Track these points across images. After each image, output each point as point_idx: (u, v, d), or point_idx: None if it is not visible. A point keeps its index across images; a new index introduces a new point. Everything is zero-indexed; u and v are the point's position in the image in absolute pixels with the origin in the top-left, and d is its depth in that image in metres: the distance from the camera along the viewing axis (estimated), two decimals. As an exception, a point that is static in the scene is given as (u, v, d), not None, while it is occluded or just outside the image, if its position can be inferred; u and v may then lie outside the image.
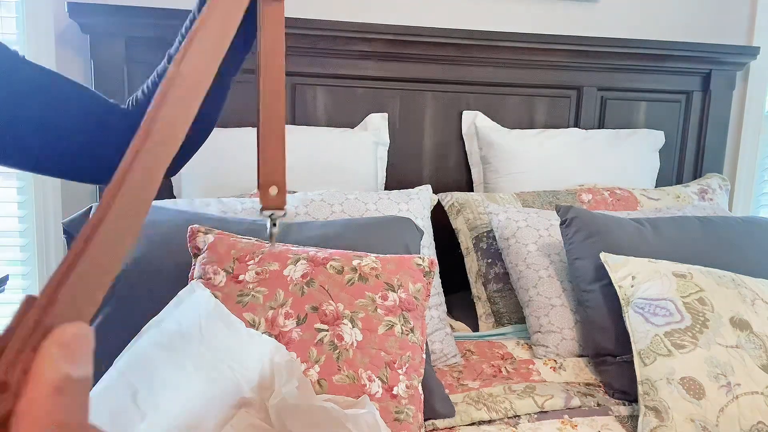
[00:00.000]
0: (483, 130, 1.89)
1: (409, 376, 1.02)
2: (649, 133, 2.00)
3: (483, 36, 1.84)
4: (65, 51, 1.71)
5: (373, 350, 1.01)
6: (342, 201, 1.45)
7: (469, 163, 1.94)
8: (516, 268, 1.52)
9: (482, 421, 1.13)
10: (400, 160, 1.90)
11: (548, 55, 1.90)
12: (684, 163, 2.09)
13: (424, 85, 1.89)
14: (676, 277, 1.22)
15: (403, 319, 1.06)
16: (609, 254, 1.31)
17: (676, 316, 1.16)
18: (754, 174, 2.18)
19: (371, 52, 1.81)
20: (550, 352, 1.39)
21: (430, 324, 1.34)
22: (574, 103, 2.00)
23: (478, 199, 1.73)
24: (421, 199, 1.54)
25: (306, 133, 1.75)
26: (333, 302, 1.04)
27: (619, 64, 1.96)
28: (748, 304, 1.18)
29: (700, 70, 2.02)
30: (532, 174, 1.85)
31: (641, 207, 1.76)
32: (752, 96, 2.12)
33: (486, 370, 1.33)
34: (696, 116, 2.07)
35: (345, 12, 1.84)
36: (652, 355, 1.14)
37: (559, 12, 1.98)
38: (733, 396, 1.07)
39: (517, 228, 1.55)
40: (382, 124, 1.85)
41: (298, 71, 1.80)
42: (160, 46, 1.71)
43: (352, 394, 0.96)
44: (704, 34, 2.06)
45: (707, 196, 1.87)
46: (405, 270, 1.12)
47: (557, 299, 1.44)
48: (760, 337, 1.13)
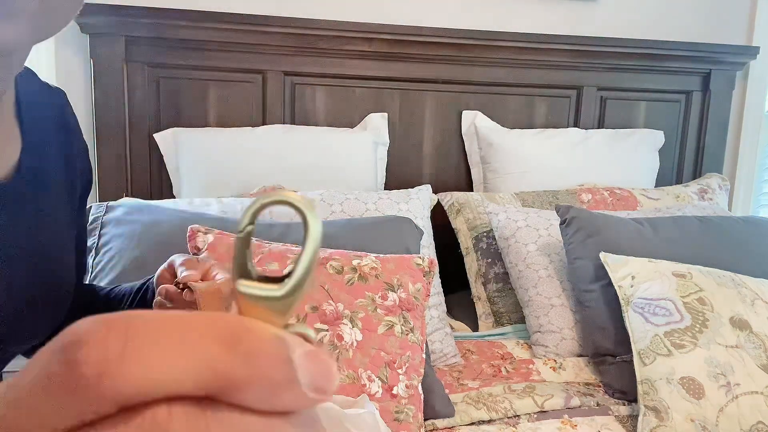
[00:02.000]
0: (483, 130, 1.89)
1: (409, 376, 1.02)
2: (648, 133, 1.99)
3: (483, 36, 1.84)
4: (65, 51, 1.71)
5: (372, 350, 1.01)
6: (342, 201, 1.45)
7: (469, 163, 1.94)
8: (516, 267, 1.52)
9: (482, 421, 1.13)
10: (400, 160, 1.90)
11: (548, 55, 1.90)
12: (684, 163, 2.09)
13: (424, 85, 1.89)
14: (676, 276, 1.22)
15: (403, 319, 1.06)
16: (609, 254, 1.31)
17: (676, 316, 1.16)
18: (754, 174, 2.18)
19: (371, 52, 1.81)
20: (549, 351, 1.39)
21: (430, 324, 1.34)
22: (574, 103, 2.00)
23: (477, 199, 1.73)
24: (421, 199, 1.54)
25: (306, 133, 1.75)
26: (333, 302, 1.04)
27: (619, 64, 1.96)
28: (747, 304, 1.18)
29: (700, 70, 2.02)
30: (532, 174, 1.85)
31: (641, 207, 1.76)
32: (752, 96, 2.12)
33: (486, 369, 1.33)
34: (696, 116, 2.07)
35: (345, 12, 1.84)
36: (651, 354, 1.14)
37: (559, 12, 1.98)
38: (732, 396, 1.07)
39: (516, 228, 1.55)
40: (382, 124, 1.85)
41: (298, 71, 1.80)
42: (160, 46, 1.73)
43: (352, 393, 0.96)
44: (704, 34, 2.06)
45: (707, 196, 1.87)
46: (405, 270, 1.12)
47: (557, 299, 1.44)
48: (760, 337, 1.13)
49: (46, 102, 0.60)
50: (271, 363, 0.16)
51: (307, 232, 0.19)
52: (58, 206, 0.60)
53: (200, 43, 1.70)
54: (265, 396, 0.16)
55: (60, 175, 0.60)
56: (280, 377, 0.16)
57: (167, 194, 1.74)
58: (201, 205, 1.42)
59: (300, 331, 0.19)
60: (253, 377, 0.16)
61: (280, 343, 0.17)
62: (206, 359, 0.16)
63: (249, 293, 0.18)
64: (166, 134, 1.71)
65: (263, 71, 1.78)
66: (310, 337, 0.19)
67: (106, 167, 1.72)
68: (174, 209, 1.36)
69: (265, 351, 0.16)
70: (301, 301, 0.19)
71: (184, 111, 1.77)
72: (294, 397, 0.16)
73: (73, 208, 0.64)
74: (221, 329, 0.16)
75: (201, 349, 0.16)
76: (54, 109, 0.62)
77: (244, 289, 0.19)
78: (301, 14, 1.77)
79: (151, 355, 0.15)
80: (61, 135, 0.61)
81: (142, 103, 1.73)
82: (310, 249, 0.19)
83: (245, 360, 0.16)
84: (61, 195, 0.61)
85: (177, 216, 1.30)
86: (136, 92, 1.71)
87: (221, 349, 0.16)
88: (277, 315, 0.18)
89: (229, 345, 0.16)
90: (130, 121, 1.72)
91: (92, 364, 0.15)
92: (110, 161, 1.72)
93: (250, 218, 0.19)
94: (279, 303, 0.18)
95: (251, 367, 0.16)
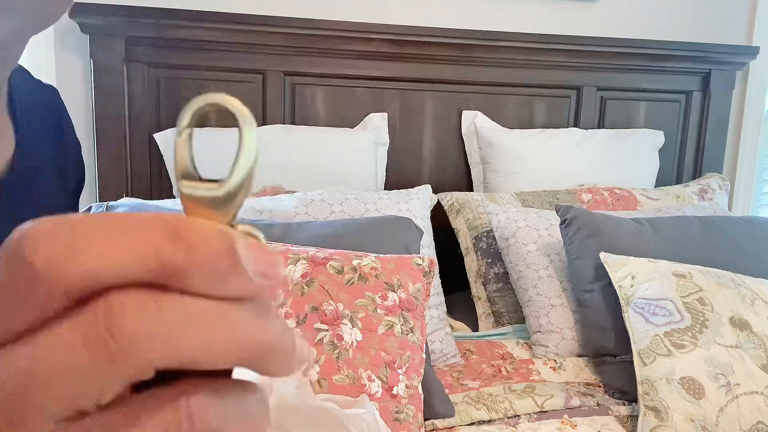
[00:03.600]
0: (483, 130, 1.89)
1: (408, 376, 1.02)
2: (648, 133, 1.99)
3: (483, 36, 1.84)
4: (65, 51, 1.71)
5: (372, 350, 1.01)
6: (342, 201, 1.45)
7: (469, 163, 1.94)
8: (516, 267, 1.52)
9: (482, 421, 1.13)
10: (399, 160, 1.90)
11: (548, 55, 1.90)
12: (684, 163, 2.09)
13: (424, 85, 1.89)
14: (676, 276, 1.22)
15: (403, 319, 1.06)
16: (609, 254, 1.31)
17: (676, 316, 1.16)
18: (754, 174, 2.18)
19: (371, 52, 1.81)
20: (549, 351, 1.39)
21: (430, 324, 1.34)
22: (574, 103, 2.00)
23: (477, 199, 1.73)
24: (421, 199, 1.54)
25: (306, 133, 1.75)
26: (333, 302, 1.04)
27: (619, 64, 1.96)
28: (747, 303, 1.18)
29: (700, 70, 2.02)
30: (532, 174, 1.85)
31: (641, 207, 1.76)
32: (752, 96, 2.12)
33: (486, 369, 1.33)
34: (696, 116, 2.07)
35: (345, 12, 1.84)
36: (651, 354, 1.14)
37: (559, 12, 1.98)
38: (732, 396, 1.07)
39: (516, 228, 1.55)
40: (382, 124, 1.85)
41: (298, 71, 1.80)
42: (160, 46, 1.73)
43: (352, 394, 0.96)
44: (704, 34, 2.06)
45: (707, 196, 1.87)
46: (405, 270, 1.12)
47: (557, 299, 1.44)
48: (760, 337, 1.13)
49: (40, 99, 0.60)
50: (214, 252, 0.17)
51: (242, 134, 0.19)
52: (53, 203, 0.60)
53: (200, 43, 1.70)
54: (212, 282, 0.17)
55: (53, 172, 0.60)
56: (225, 265, 0.17)
57: (167, 194, 1.74)
58: (201, 205, 1.42)
59: (247, 230, 0.19)
60: (197, 264, 0.16)
61: (222, 235, 0.17)
62: (150, 247, 0.16)
63: (191, 194, 0.19)
64: (166, 134, 1.71)
65: (263, 71, 1.78)
66: (257, 236, 0.19)
67: (106, 167, 1.71)
68: (174, 209, 1.36)
69: (208, 241, 0.17)
70: (244, 201, 0.19)
71: (184, 111, 1.76)
72: (241, 283, 0.17)
73: (67, 203, 0.64)
74: (165, 222, 0.17)
75: (145, 238, 0.16)
76: (47, 106, 0.62)
77: (187, 190, 0.19)
78: (301, 14, 1.77)
79: (97, 244, 0.16)
80: (55, 133, 0.61)
81: (142, 104, 1.73)
82: (249, 149, 0.19)
83: (188, 249, 0.16)
84: (56, 192, 0.61)
85: (177, 216, 1.30)
86: (136, 92, 1.71)
87: (165, 238, 0.16)
88: (221, 215, 0.19)
89: (173, 235, 0.16)
90: (130, 121, 1.72)
91: (40, 257, 0.16)
92: (110, 161, 1.72)
93: (189, 120, 0.19)
94: (222, 203, 0.19)
95: (194, 254, 0.16)
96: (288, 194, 1.50)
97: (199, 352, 0.16)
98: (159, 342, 0.16)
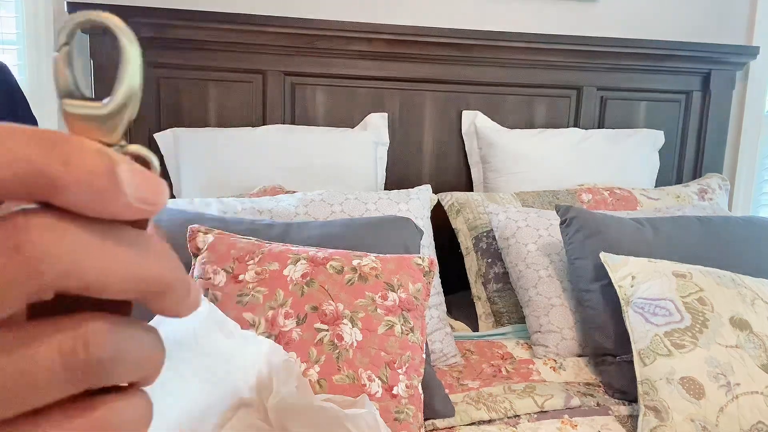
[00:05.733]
0: (483, 129, 1.89)
1: (409, 376, 1.02)
2: (649, 132, 1.99)
3: (483, 36, 1.84)
4: (65, 51, 1.71)
5: (373, 350, 1.01)
6: (342, 201, 1.45)
7: (469, 163, 1.94)
8: (516, 267, 1.52)
9: (482, 421, 1.13)
10: (400, 160, 1.90)
11: (548, 55, 1.90)
12: (684, 163, 2.09)
13: (424, 84, 1.89)
14: (676, 276, 1.22)
15: (403, 319, 1.06)
16: (609, 254, 1.31)
17: (676, 316, 1.16)
18: (754, 174, 2.18)
19: (371, 52, 1.81)
20: (549, 351, 1.39)
21: (430, 324, 1.34)
22: (574, 103, 2.00)
23: (477, 199, 1.73)
24: (421, 199, 1.54)
25: (306, 133, 1.75)
26: (333, 302, 1.04)
27: (619, 64, 1.96)
28: (747, 303, 1.18)
29: (700, 70, 2.02)
30: (532, 174, 1.85)
31: (641, 207, 1.76)
32: (752, 96, 2.12)
33: (486, 369, 1.33)
34: (696, 116, 2.07)
35: (345, 12, 1.84)
36: (651, 354, 1.14)
37: (559, 12, 1.98)
38: (732, 396, 1.07)
39: (516, 228, 1.55)
40: (382, 124, 1.85)
41: (297, 71, 1.80)
42: (160, 46, 1.73)
43: (352, 394, 0.96)
44: (704, 34, 2.06)
45: (707, 196, 1.87)
46: (405, 270, 1.12)
47: (557, 299, 1.44)
48: (760, 337, 1.13)
49: None
50: (92, 170, 0.16)
51: (123, 50, 0.19)
52: None
53: (200, 43, 1.70)
54: (89, 202, 0.17)
55: None
56: (102, 185, 0.17)
57: (169, 194, 1.74)
58: (201, 205, 1.42)
59: (136, 150, 0.19)
60: (72, 179, 0.16)
61: (102, 155, 0.17)
62: (24, 156, 0.16)
63: (73, 112, 0.18)
64: (166, 134, 1.71)
65: (263, 71, 1.78)
66: (147, 158, 0.19)
67: (106, 167, 1.71)
68: (174, 209, 1.36)
69: (85, 157, 0.17)
70: (128, 120, 0.19)
71: (184, 111, 1.77)
72: (120, 206, 0.17)
73: None
74: (41, 135, 0.16)
75: (19, 148, 0.16)
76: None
77: (69, 108, 0.18)
78: (301, 14, 1.77)
79: None
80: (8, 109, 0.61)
81: (142, 103, 1.71)
82: (132, 64, 0.19)
83: (64, 162, 0.16)
84: None
85: (177, 216, 1.30)
86: (136, 92, 1.71)
87: (40, 150, 0.16)
88: (107, 134, 0.18)
89: (48, 148, 0.16)
90: (130, 121, 1.72)
91: None
92: (110, 161, 1.71)
93: (66, 37, 0.19)
94: (106, 121, 0.19)
95: (70, 169, 0.16)
96: (288, 194, 1.50)
97: (100, 275, 0.17)
98: (62, 260, 0.16)
